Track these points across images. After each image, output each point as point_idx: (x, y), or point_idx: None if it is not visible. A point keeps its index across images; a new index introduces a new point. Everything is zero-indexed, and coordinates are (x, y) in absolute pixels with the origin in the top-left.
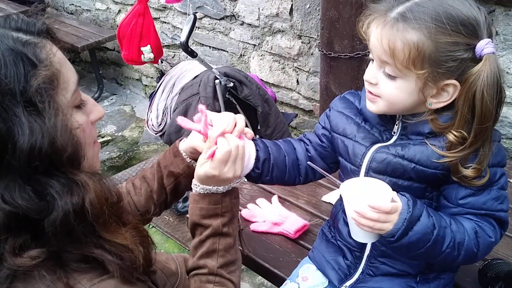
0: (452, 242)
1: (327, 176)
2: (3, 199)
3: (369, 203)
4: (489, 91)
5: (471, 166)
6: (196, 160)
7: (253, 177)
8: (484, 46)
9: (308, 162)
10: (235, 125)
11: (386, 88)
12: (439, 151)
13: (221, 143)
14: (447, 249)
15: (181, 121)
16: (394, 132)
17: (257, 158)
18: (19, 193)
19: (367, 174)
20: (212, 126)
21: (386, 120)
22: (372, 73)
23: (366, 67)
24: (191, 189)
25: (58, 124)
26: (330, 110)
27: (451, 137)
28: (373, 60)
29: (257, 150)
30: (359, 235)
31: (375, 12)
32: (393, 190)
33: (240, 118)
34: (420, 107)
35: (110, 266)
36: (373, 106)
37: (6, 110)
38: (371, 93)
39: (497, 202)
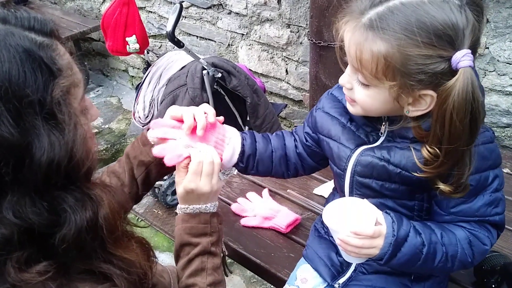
0: (445, 257)
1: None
2: (14, 214)
3: (351, 229)
4: (459, 111)
5: (447, 182)
6: None
7: (238, 169)
8: (460, 58)
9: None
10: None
11: (360, 95)
12: (418, 162)
13: (193, 155)
14: (439, 264)
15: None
16: (381, 133)
17: (242, 153)
18: (31, 208)
19: (352, 178)
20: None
21: (373, 121)
22: (346, 78)
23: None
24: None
25: (77, 137)
26: (316, 110)
27: (424, 152)
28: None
29: (243, 145)
30: (349, 257)
31: (349, 14)
32: (380, 192)
33: (204, 109)
34: (400, 112)
35: (118, 280)
36: (352, 109)
37: (26, 122)
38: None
39: (491, 207)
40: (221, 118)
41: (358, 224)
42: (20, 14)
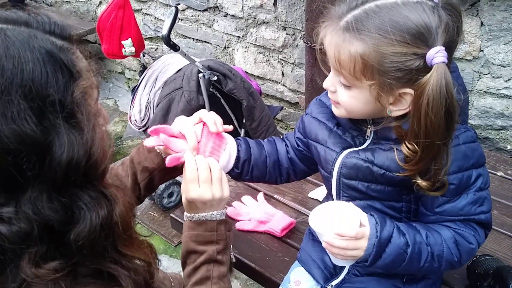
0: (430, 256)
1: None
2: (33, 210)
3: (335, 231)
4: (434, 105)
5: (425, 178)
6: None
7: (233, 175)
8: (434, 55)
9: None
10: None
11: (343, 97)
12: (399, 161)
13: (187, 162)
14: (425, 264)
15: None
16: (367, 136)
17: (237, 158)
18: (48, 204)
19: (338, 180)
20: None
21: (358, 124)
22: (330, 81)
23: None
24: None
25: (95, 137)
26: (305, 115)
27: (404, 149)
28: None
29: (238, 151)
30: (336, 260)
31: (328, 19)
32: (367, 194)
33: (210, 116)
34: (382, 113)
35: (125, 282)
36: (337, 111)
37: (48, 121)
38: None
39: (475, 205)
40: (230, 127)
41: (342, 226)
42: (41, 18)
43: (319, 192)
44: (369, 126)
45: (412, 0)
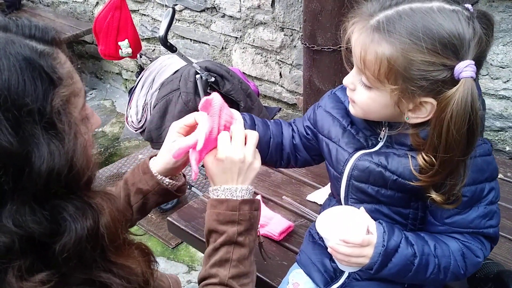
0: (437, 268)
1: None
2: (14, 222)
3: (341, 237)
4: (457, 120)
5: (439, 191)
6: (168, 177)
7: None
8: (463, 68)
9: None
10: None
11: (361, 97)
12: (414, 170)
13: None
14: (431, 275)
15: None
16: (381, 138)
17: None
18: (31, 217)
19: (348, 182)
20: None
21: (373, 125)
22: (350, 79)
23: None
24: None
25: (77, 146)
26: (318, 108)
27: (420, 160)
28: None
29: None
30: (341, 265)
31: (358, 15)
32: (376, 198)
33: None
34: (400, 118)
35: None
36: (353, 109)
37: (25, 131)
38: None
39: (485, 219)
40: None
41: (348, 233)
42: (21, 22)
43: (318, 195)
44: (383, 129)
45: (448, 8)
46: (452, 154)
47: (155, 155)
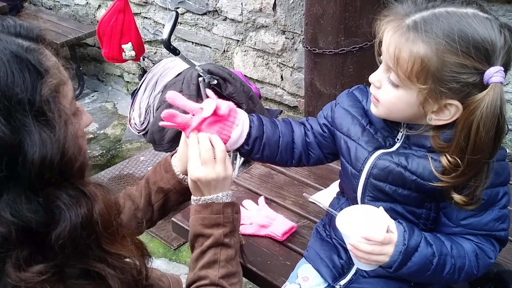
0: (453, 268)
1: (328, 210)
2: (11, 212)
3: (362, 234)
4: (486, 123)
5: (462, 193)
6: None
7: (243, 153)
8: (493, 74)
9: (303, 194)
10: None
11: (386, 95)
12: (435, 171)
13: (190, 142)
14: (447, 275)
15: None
16: (398, 139)
17: (249, 135)
18: (26, 206)
19: (367, 180)
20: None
21: (391, 126)
22: (377, 76)
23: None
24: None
25: (68, 134)
26: (336, 105)
27: (444, 161)
28: (381, 63)
29: (250, 127)
30: (359, 264)
31: (393, 14)
32: (392, 197)
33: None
34: (421, 119)
35: (112, 281)
36: (375, 110)
37: (16, 120)
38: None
39: (498, 222)
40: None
41: (370, 230)
42: (6, 22)
43: (320, 196)
44: (401, 130)
45: (482, 15)
46: (480, 155)
47: (176, 152)
